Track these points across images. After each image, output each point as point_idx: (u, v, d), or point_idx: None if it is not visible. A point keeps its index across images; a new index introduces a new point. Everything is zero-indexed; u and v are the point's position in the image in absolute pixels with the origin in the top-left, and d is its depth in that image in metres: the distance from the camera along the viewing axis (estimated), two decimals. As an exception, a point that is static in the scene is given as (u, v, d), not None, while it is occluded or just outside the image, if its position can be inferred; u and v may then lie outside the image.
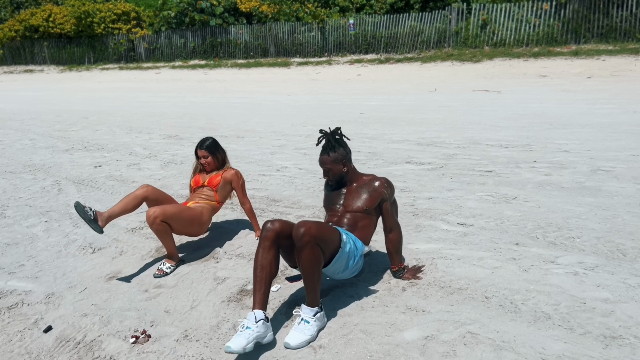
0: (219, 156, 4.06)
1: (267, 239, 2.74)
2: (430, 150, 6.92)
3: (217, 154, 4.04)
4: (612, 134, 7.29)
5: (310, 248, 2.60)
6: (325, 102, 13.16)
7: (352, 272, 3.04)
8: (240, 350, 2.41)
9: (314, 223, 2.65)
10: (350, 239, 2.96)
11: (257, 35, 26.40)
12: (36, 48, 34.32)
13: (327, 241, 2.72)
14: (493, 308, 2.84)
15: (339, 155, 3.17)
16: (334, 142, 3.19)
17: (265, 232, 2.75)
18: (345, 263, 2.92)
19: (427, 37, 22.26)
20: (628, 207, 4.35)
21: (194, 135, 9.05)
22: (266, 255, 2.73)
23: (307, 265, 2.64)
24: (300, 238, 2.59)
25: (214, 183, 3.98)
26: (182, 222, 3.63)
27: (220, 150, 4.08)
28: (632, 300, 2.84)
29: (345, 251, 2.87)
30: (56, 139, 9.43)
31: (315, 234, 2.61)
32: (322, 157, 3.20)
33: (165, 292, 3.28)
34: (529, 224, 4.07)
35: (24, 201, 5.49)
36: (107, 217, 3.49)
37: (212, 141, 4.04)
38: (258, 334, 2.51)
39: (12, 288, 3.45)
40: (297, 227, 2.61)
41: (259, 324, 2.53)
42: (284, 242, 2.79)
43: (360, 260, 3.05)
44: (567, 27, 19.53)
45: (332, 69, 22.15)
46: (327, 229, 2.75)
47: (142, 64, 29.92)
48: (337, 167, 3.18)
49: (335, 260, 2.85)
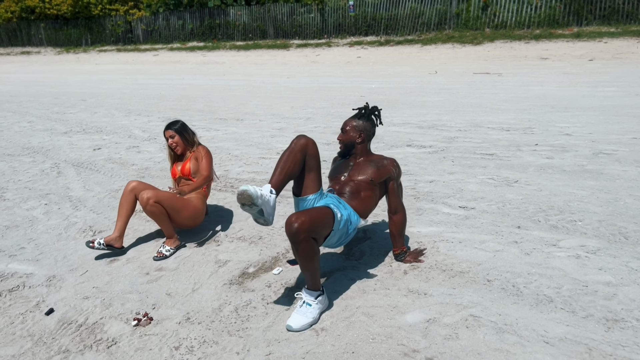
0: (187, 136, 3.92)
1: (299, 145, 2.86)
2: (431, 133, 6.89)
3: (184, 134, 3.90)
4: (614, 117, 7.26)
5: (306, 243, 2.55)
6: (325, 85, 13.07)
7: (340, 243, 2.95)
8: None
9: (306, 215, 2.57)
10: (345, 213, 2.86)
11: (256, 17, 26.14)
12: (33, 29, 34.00)
13: (321, 228, 2.66)
14: (495, 291, 2.83)
15: (363, 125, 3.24)
16: (368, 114, 3.29)
17: (298, 139, 2.89)
18: (338, 237, 2.85)
19: (427, 18, 22.05)
20: (630, 190, 4.33)
21: (193, 117, 9.00)
22: (292, 157, 2.83)
23: (304, 258, 2.61)
24: (295, 234, 2.51)
25: (187, 171, 3.87)
26: (176, 208, 3.58)
27: (188, 130, 3.95)
28: (634, 284, 2.83)
29: (339, 229, 2.80)
30: (54, 121, 9.37)
31: (309, 227, 2.54)
32: (349, 119, 3.28)
33: (167, 275, 3.27)
34: (530, 207, 4.06)
35: (23, 184, 5.47)
36: (117, 236, 3.58)
37: (180, 123, 3.93)
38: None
39: (13, 271, 3.44)
40: (290, 223, 2.52)
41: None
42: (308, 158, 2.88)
43: (352, 233, 2.96)
44: (568, 8, 19.34)
45: (331, 51, 21.98)
46: (320, 216, 2.66)
47: (140, 45, 29.68)
48: (355, 134, 3.24)
49: (328, 239, 2.80)
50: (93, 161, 6.28)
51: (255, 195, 2.53)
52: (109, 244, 3.52)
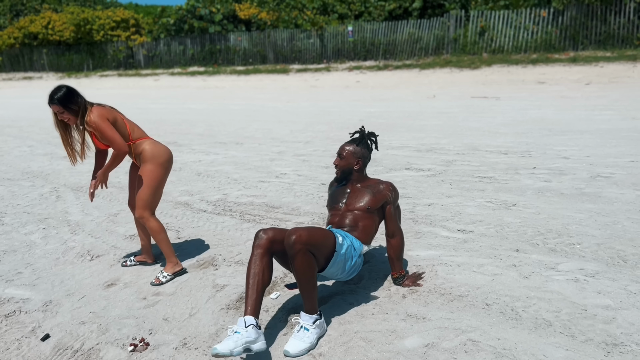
0: (74, 107, 3.30)
1: (260, 247, 2.72)
2: (430, 156, 6.92)
3: (70, 105, 3.29)
4: (611, 140, 7.30)
5: (302, 255, 2.57)
6: (324, 109, 13.17)
7: (350, 273, 3.01)
8: (227, 352, 2.33)
9: (305, 229, 2.63)
10: (347, 240, 2.93)
11: (256, 42, 26.47)
12: (35, 55, 34.39)
13: (320, 246, 2.69)
14: (494, 315, 2.82)
15: (361, 151, 3.26)
16: (365, 139, 3.30)
17: (258, 240, 2.74)
18: (343, 265, 2.89)
19: (425, 43, 22.33)
20: (628, 213, 4.34)
21: (193, 141, 9.04)
22: (259, 264, 2.70)
23: (300, 273, 2.62)
24: (292, 246, 2.56)
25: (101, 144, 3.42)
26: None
27: (74, 100, 3.31)
28: (633, 307, 2.82)
29: (341, 253, 2.84)
30: (55, 145, 9.42)
31: (307, 240, 2.58)
32: (346, 145, 3.28)
33: (164, 300, 3.26)
34: (529, 230, 4.06)
35: (22, 208, 5.47)
36: (146, 253, 3.81)
37: (63, 92, 3.29)
38: (247, 339, 2.40)
39: (10, 296, 3.42)
40: (288, 235, 2.58)
41: (248, 329, 2.45)
42: (278, 248, 2.77)
43: (358, 260, 3.01)
44: (565, 33, 19.61)
45: (330, 76, 22.19)
46: (320, 234, 2.71)
47: (141, 70, 29.98)
48: (352, 160, 3.25)
49: (332, 264, 2.82)
50: (92, 185, 6.29)
51: (228, 352, 2.35)
52: (141, 261, 3.79)
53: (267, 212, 4.89)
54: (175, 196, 5.63)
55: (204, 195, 5.63)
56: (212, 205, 5.22)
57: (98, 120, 3.27)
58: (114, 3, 47.25)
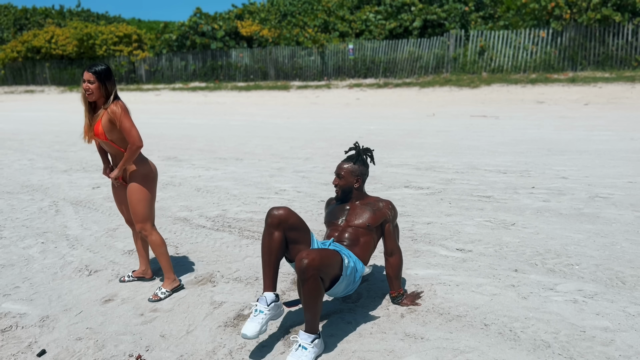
0: (109, 86, 3.31)
1: (272, 226, 2.85)
2: (429, 174, 6.94)
3: (106, 82, 3.30)
4: (609, 161, 7.33)
5: (314, 281, 2.57)
6: (324, 126, 13.22)
7: (347, 291, 3.02)
8: (256, 335, 2.66)
9: (317, 253, 2.60)
10: (351, 261, 2.93)
11: (258, 59, 26.67)
12: (37, 69, 34.60)
13: (329, 269, 2.69)
14: (492, 336, 2.81)
15: (358, 169, 3.26)
16: (362, 156, 3.31)
17: (270, 218, 2.86)
18: (345, 286, 2.90)
19: (425, 62, 22.51)
20: (626, 234, 4.34)
21: (193, 156, 9.07)
22: (272, 239, 2.85)
23: (308, 297, 2.61)
24: (304, 271, 2.54)
25: (99, 132, 3.35)
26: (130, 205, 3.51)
27: (111, 80, 3.34)
28: (632, 329, 2.81)
29: (347, 275, 2.85)
30: (55, 159, 9.44)
31: (319, 265, 2.57)
32: (343, 164, 3.28)
33: (161, 316, 3.24)
34: (527, 250, 4.06)
35: (20, 222, 5.47)
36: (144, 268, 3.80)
37: (105, 68, 3.32)
38: (271, 316, 2.78)
39: (7, 310, 3.41)
40: (300, 259, 2.56)
41: (270, 307, 2.76)
42: (288, 226, 2.87)
43: (358, 281, 3.03)
44: (563, 54, 19.78)
45: (331, 93, 22.31)
46: (330, 257, 2.70)
47: (143, 85, 30.14)
48: (351, 179, 3.25)
49: (337, 285, 2.82)
50: (92, 200, 6.30)
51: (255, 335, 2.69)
52: (139, 277, 3.80)
53: (266, 229, 4.89)
54: (174, 211, 5.63)
55: (203, 210, 5.63)
56: (211, 221, 5.22)
57: (122, 111, 3.29)
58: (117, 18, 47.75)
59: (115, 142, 3.39)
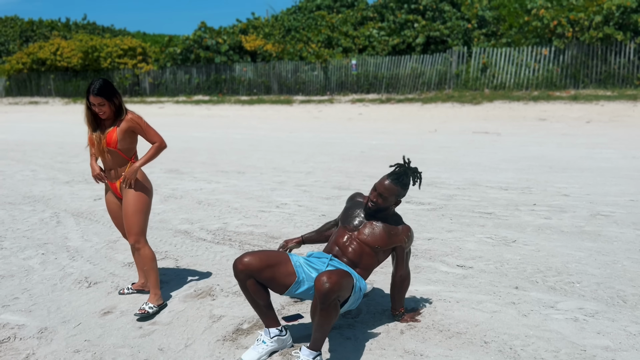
0: (116, 101, 3.32)
1: (242, 279, 2.78)
2: (430, 190, 6.94)
3: (113, 98, 3.29)
4: (611, 179, 7.32)
5: (334, 307, 2.53)
6: (326, 140, 13.26)
7: (349, 308, 2.97)
8: None
9: (337, 275, 2.52)
10: (359, 283, 2.89)
11: (261, 73, 26.81)
12: (42, 80, 34.81)
13: (345, 292, 2.65)
14: (492, 353, 2.79)
15: (402, 191, 3.03)
16: (410, 179, 3.07)
17: (236, 273, 2.77)
18: (349, 304, 2.87)
19: (428, 78, 22.61)
20: (628, 252, 4.33)
21: (195, 169, 9.08)
22: (249, 290, 2.81)
23: (325, 320, 2.57)
24: (326, 295, 2.46)
25: (112, 141, 3.37)
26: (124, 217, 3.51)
27: (116, 94, 3.34)
28: (632, 349, 2.79)
29: (354, 294, 2.82)
30: (57, 170, 9.46)
31: (339, 289, 2.52)
32: (388, 183, 2.96)
33: (160, 330, 3.23)
34: (528, 267, 4.05)
35: (21, 232, 5.47)
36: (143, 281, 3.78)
37: (104, 84, 3.28)
38: (273, 348, 2.81)
39: (5, 321, 3.40)
40: (322, 282, 2.47)
41: (273, 339, 2.82)
42: (259, 275, 2.76)
43: (360, 300, 3.00)
44: (566, 72, 19.86)
45: (334, 108, 22.39)
46: (347, 278, 2.62)
47: (146, 98, 30.29)
48: (391, 200, 3.00)
49: (344, 306, 2.79)
50: (93, 211, 6.30)
51: None
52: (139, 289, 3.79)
53: (267, 242, 4.89)
54: (175, 224, 5.63)
55: (204, 223, 5.63)
56: (212, 234, 5.22)
57: (139, 118, 3.42)
58: (122, 32, 48.10)
59: (123, 151, 3.46)
